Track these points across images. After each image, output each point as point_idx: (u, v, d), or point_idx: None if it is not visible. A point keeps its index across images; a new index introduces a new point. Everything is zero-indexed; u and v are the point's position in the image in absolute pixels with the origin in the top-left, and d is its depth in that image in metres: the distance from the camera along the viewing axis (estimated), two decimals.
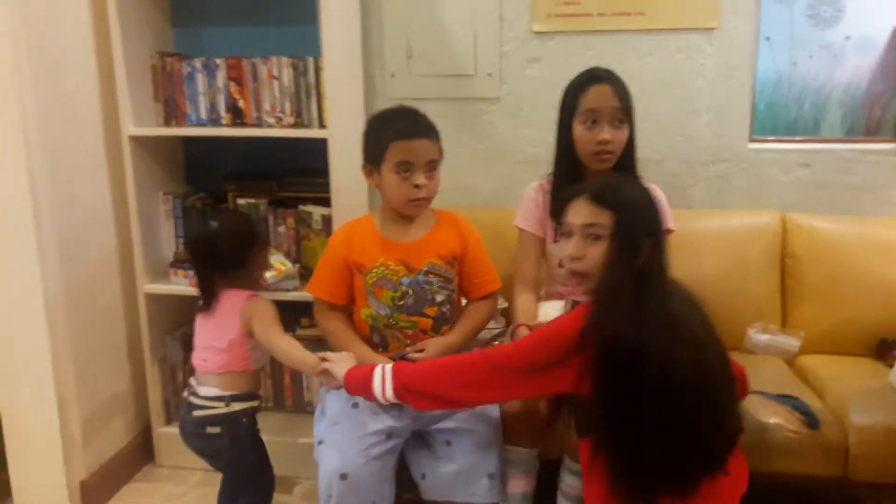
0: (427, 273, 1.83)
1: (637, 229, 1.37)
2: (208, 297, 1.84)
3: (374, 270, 1.84)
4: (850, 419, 1.78)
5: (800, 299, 2.25)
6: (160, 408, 2.46)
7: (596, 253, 1.41)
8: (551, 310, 1.93)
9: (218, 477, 1.97)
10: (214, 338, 1.83)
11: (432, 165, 1.79)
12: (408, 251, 1.84)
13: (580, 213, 1.44)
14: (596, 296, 1.38)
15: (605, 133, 1.81)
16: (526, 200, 2.00)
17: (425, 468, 1.73)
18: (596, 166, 1.87)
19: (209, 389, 1.82)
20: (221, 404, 1.80)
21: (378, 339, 1.89)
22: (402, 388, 1.50)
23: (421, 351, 1.78)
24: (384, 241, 1.86)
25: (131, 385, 2.44)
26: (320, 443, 1.73)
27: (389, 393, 1.51)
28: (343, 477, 1.63)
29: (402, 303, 1.83)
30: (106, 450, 2.33)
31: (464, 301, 1.97)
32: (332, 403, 1.79)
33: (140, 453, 2.48)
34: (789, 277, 2.27)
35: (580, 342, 1.32)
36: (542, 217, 1.96)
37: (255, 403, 1.88)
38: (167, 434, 2.45)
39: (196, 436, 1.83)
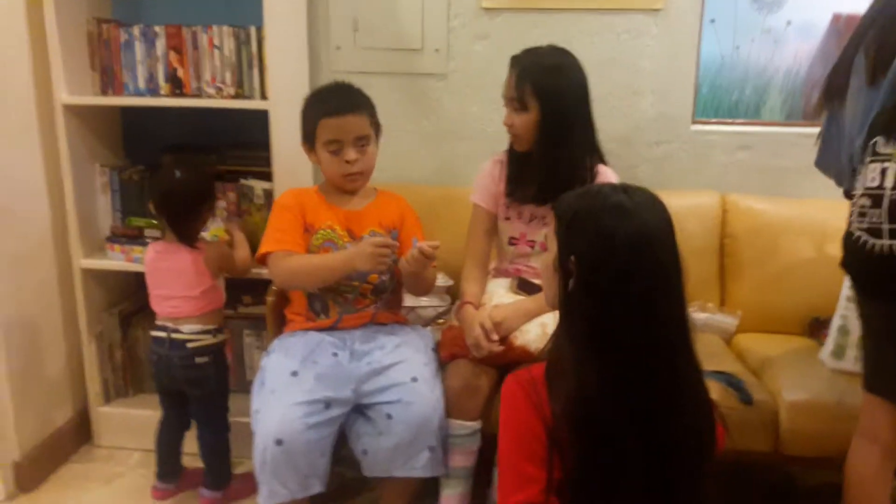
0: None
1: (565, 247, 1.15)
2: (190, 241, 1.99)
3: (321, 232, 1.89)
4: (781, 395, 1.83)
5: (737, 278, 2.30)
6: (98, 387, 2.39)
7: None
8: (499, 287, 1.94)
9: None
10: (184, 288, 1.98)
11: (363, 141, 1.83)
12: (351, 218, 1.91)
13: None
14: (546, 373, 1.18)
15: (506, 117, 1.86)
16: (482, 175, 1.99)
17: (366, 444, 1.73)
18: (514, 146, 1.91)
19: (193, 326, 1.98)
20: (209, 336, 2.00)
21: (319, 306, 1.92)
22: None
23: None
24: (331, 206, 1.91)
25: (67, 363, 2.37)
26: (257, 411, 1.71)
27: None
28: (279, 442, 1.62)
29: None
30: (41, 430, 2.26)
31: None
32: (271, 373, 1.78)
33: (77, 434, 2.42)
34: (728, 257, 2.31)
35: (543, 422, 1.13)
36: (496, 192, 1.96)
37: (226, 335, 2.13)
38: (106, 413, 2.40)
39: (184, 367, 1.98)
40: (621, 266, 1.07)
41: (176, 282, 2.00)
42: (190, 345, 1.98)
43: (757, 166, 2.42)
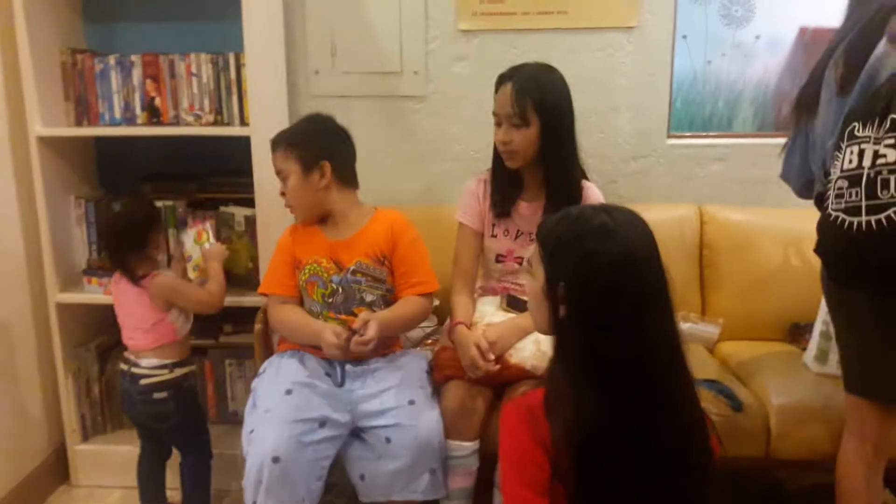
0: (355, 272, 1.85)
1: (551, 272, 1.14)
2: (131, 276, 1.93)
3: (307, 267, 1.88)
4: (770, 401, 1.86)
5: (717, 288, 2.34)
6: (76, 424, 2.33)
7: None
8: (488, 305, 1.95)
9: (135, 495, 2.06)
10: (135, 321, 1.95)
11: (282, 175, 1.89)
12: (338, 249, 1.88)
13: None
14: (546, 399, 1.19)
15: (501, 134, 1.85)
16: (466, 194, 2.00)
17: (364, 469, 1.71)
18: (507, 163, 1.89)
19: (150, 360, 1.94)
20: (165, 371, 1.94)
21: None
22: None
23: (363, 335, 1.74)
24: (320, 237, 1.91)
25: (43, 401, 2.31)
26: (251, 432, 1.68)
27: None
28: (276, 460, 1.59)
29: (331, 300, 1.86)
30: (16, 471, 2.19)
31: None
32: (264, 393, 1.76)
33: (54, 473, 2.35)
34: (707, 268, 2.35)
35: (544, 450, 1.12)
36: (481, 210, 1.97)
37: (193, 367, 2.04)
38: (84, 452, 2.34)
39: (143, 402, 1.94)
40: (608, 286, 1.07)
41: (127, 316, 1.97)
42: (143, 381, 1.93)
43: (732, 177, 2.47)
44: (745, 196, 2.46)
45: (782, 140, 2.43)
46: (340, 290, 1.85)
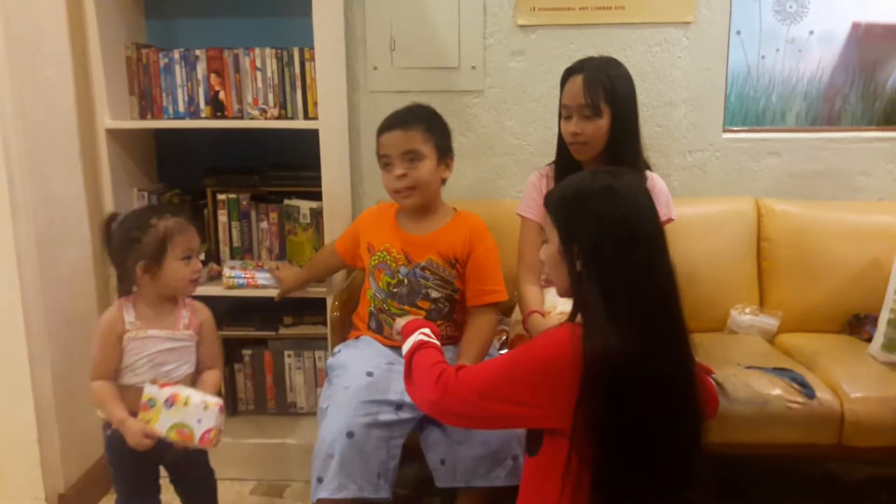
0: (424, 268, 1.86)
1: (566, 233, 1.23)
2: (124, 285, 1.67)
3: (378, 254, 1.89)
4: (842, 389, 1.88)
5: (776, 281, 2.36)
6: None
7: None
8: (555, 296, 1.96)
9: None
10: None
11: (412, 155, 1.81)
12: (411, 243, 1.88)
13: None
14: (573, 314, 1.29)
15: (571, 126, 1.86)
16: (529, 187, 2.02)
17: (444, 454, 1.72)
18: (576, 156, 1.91)
19: None
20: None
21: (375, 325, 1.92)
22: (409, 354, 1.47)
23: None
24: (396, 229, 1.91)
25: None
26: (326, 407, 1.70)
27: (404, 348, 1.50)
28: (349, 435, 1.61)
29: (396, 290, 1.87)
30: (83, 461, 2.21)
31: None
32: (344, 371, 1.78)
33: None
34: (765, 260, 2.37)
35: (575, 369, 1.16)
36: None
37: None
38: None
39: None
40: (622, 241, 1.17)
41: None
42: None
43: (786, 171, 2.49)
44: (800, 189, 2.48)
45: (835, 134, 2.48)
46: (406, 281, 1.86)
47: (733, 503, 2.14)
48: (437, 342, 1.49)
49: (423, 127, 1.83)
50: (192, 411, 1.54)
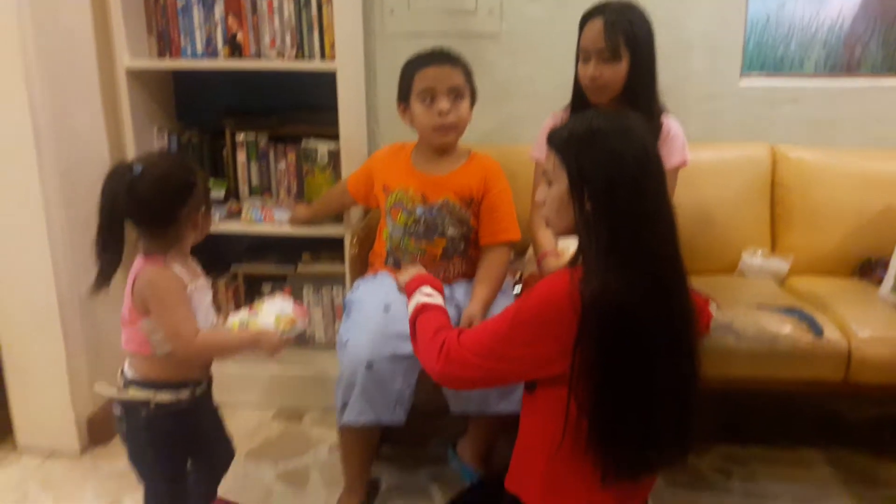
0: (440, 208, 1.88)
1: (577, 173, 1.20)
2: (109, 262, 1.45)
3: (395, 193, 1.91)
4: (851, 328, 1.91)
5: (788, 225, 2.38)
6: None
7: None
8: (568, 240, 1.99)
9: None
10: (123, 307, 1.49)
11: (456, 92, 1.82)
12: (427, 183, 1.89)
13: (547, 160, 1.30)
14: (574, 259, 1.28)
15: (591, 69, 1.86)
16: (543, 131, 2.03)
17: None
18: (593, 99, 1.92)
19: (126, 363, 1.53)
20: (121, 384, 1.50)
21: (392, 262, 1.95)
22: (412, 318, 1.47)
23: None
24: (411, 169, 1.92)
25: None
26: (346, 341, 1.75)
27: (409, 311, 1.51)
28: (369, 366, 1.67)
29: (413, 228, 1.90)
30: (110, 384, 2.27)
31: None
32: (362, 305, 1.82)
33: None
34: (778, 205, 2.39)
35: (574, 312, 1.16)
36: None
37: (161, 396, 1.47)
38: None
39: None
40: (633, 180, 1.16)
41: (125, 297, 1.50)
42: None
43: (803, 118, 2.48)
44: (816, 137, 2.47)
45: (853, 83, 2.47)
46: (423, 220, 1.88)
47: (739, 441, 2.20)
48: (440, 300, 1.50)
49: (463, 67, 1.85)
50: (273, 306, 1.57)
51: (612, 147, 1.18)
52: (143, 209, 1.42)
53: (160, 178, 1.42)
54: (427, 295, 1.49)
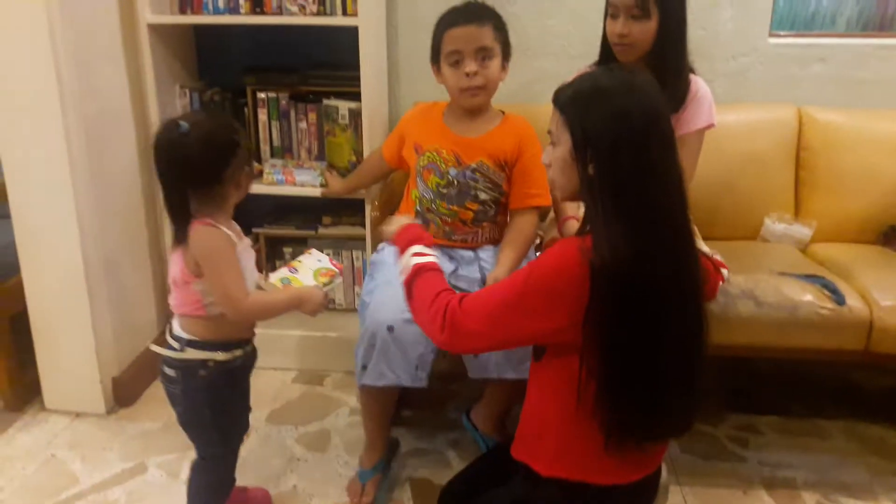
0: (474, 171, 1.86)
1: (581, 132, 1.17)
2: (180, 221, 1.46)
3: (427, 154, 1.89)
4: (872, 296, 1.90)
5: (812, 190, 2.35)
6: None
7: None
8: None
9: None
10: (172, 270, 1.51)
11: (485, 52, 1.79)
12: (461, 145, 1.88)
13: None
14: (583, 225, 1.25)
15: (619, 26, 1.82)
16: None
17: None
18: (620, 57, 1.88)
19: (176, 326, 1.53)
20: (178, 346, 1.50)
21: (421, 223, 1.92)
22: (407, 281, 1.41)
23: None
24: (444, 129, 1.90)
25: (154, 280, 2.44)
26: (368, 302, 1.76)
27: (400, 272, 1.44)
28: (390, 329, 1.68)
29: (445, 191, 1.88)
30: (135, 345, 2.33)
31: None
32: (385, 266, 1.83)
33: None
34: (803, 169, 2.36)
35: (584, 281, 1.14)
36: None
37: (218, 356, 1.51)
38: None
39: (160, 372, 1.55)
40: (639, 140, 1.13)
41: (172, 259, 1.51)
42: (154, 347, 1.56)
43: (833, 78, 2.44)
44: (846, 97, 2.43)
45: (886, 41, 2.40)
46: (456, 182, 1.87)
47: (755, 410, 2.22)
48: (433, 259, 1.43)
49: (493, 23, 1.80)
50: (310, 261, 1.61)
51: (617, 105, 1.14)
52: (188, 168, 1.42)
53: (205, 137, 1.42)
54: (419, 255, 1.42)
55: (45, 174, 1.98)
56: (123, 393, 2.25)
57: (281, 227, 2.51)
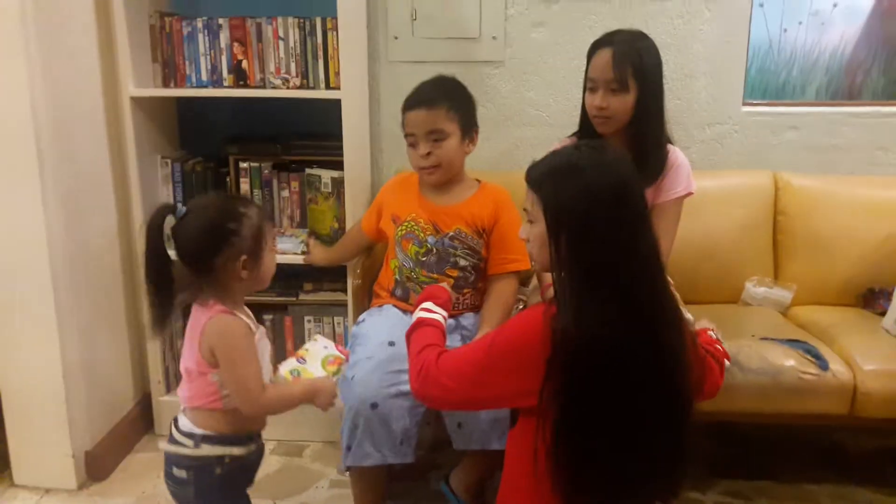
0: (452, 238, 1.89)
1: (554, 208, 1.18)
2: (161, 311, 1.41)
3: (405, 223, 1.92)
4: (855, 361, 1.91)
5: (791, 254, 2.38)
6: (160, 376, 2.41)
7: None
8: None
9: None
10: (185, 360, 1.45)
11: (437, 135, 1.84)
12: (438, 213, 1.91)
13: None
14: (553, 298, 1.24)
15: (598, 99, 1.85)
16: None
17: (461, 418, 1.76)
18: (599, 129, 1.91)
19: (185, 422, 1.44)
20: (191, 443, 1.42)
21: (400, 293, 1.95)
22: (408, 332, 1.44)
23: None
24: (421, 198, 1.94)
25: (131, 353, 2.40)
26: (351, 377, 1.74)
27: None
28: (374, 406, 1.67)
29: (425, 259, 1.90)
30: (109, 419, 2.28)
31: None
32: (366, 340, 1.82)
33: (140, 423, 2.44)
34: (781, 233, 2.39)
35: (544, 348, 1.16)
36: None
37: (235, 451, 1.44)
38: (167, 403, 2.41)
39: (166, 474, 1.45)
40: (610, 215, 1.15)
41: (186, 345, 1.45)
42: (167, 447, 1.45)
43: (805, 145, 2.49)
44: (819, 164, 2.48)
45: (855, 109, 2.47)
46: (435, 250, 1.89)
47: (743, 475, 2.19)
48: (439, 316, 1.45)
49: (447, 105, 1.84)
50: (317, 348, 1.56)
51: (588, 181, 1.16)
52: (180, 253, 1.40)
53: (196, 223, 1.39)
54: (426, 311, 1.46)
55: (20, 244, 1.96)
56: (96, 467, 2.18)
57: (262, 293, 2.47)
